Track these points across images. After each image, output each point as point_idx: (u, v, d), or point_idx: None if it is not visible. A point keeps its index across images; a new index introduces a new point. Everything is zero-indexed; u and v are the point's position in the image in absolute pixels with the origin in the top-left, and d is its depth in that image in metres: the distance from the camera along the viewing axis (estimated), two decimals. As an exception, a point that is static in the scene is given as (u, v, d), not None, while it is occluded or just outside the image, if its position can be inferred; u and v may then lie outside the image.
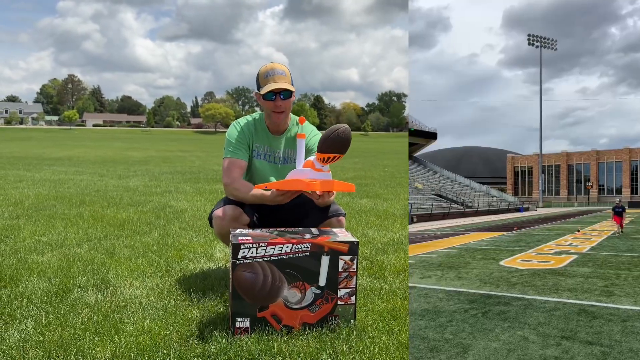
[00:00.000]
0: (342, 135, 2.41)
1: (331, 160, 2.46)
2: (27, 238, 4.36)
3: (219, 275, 3.34)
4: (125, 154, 25.44)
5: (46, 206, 6.27)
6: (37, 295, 2.82)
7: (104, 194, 7.87)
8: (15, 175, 11.09)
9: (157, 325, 2.45)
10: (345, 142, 2.41)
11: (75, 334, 2.33)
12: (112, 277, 3.23)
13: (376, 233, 4.94)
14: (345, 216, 3.07)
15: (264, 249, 2.37)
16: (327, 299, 2.46)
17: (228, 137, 3.06)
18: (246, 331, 2.37)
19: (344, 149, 2.44)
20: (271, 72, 2.92)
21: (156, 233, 4.70)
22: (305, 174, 2.50)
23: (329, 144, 2.41)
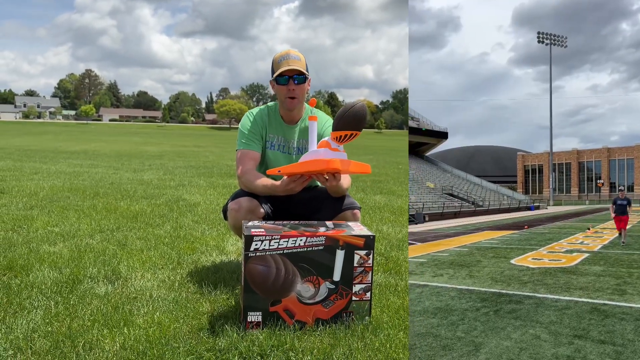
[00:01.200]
0: (358, 111, 2.31)
1: (347, 139, 2.36)
2: (40, 228, 4.35)
3: (231, 268, 3.28)
4: (141, 148, 25.59)
5: (60, 197, 6.28)
6: (47, 285, 2.79)
7: (118, 186, 7.87)
8: (31, 168, 11.18)
9: (167, 318, 2.39)
10: (362, 119, 2.32)
11: (84, 325, 2.28)
12: (123, 268, 3.18)
13: (391, 229, 4.85)
14: (360, 210, 2.98)
15: (277, 242, 2.30)
16: (342, 295, 2.38)
17: (241, 127, 3.00)
18: (258, 325, 2.30)
19: (360, 126, 2.34)
20: (285, 57, 2.85)
21: (169, 225, 4.67)
22: (321, 155, 2.40)
23: (345, 121, 2.31)
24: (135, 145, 28.82)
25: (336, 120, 2.34)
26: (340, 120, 2.32)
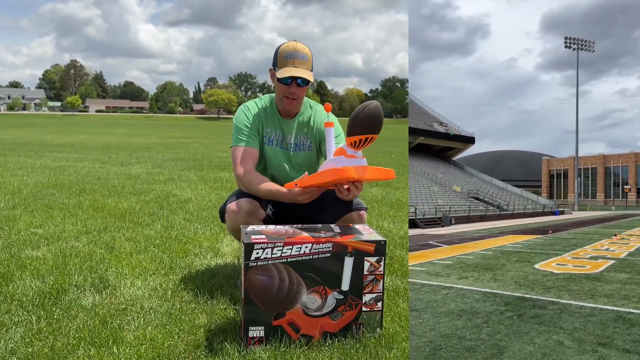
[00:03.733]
0: (372, 113, 2.07)
1: (363, 144, 2.12)
2: (23, 230, 4.11)
3: (227, 272, 3.07)
4: (128, 140, 25.17)
5: (45, 195, 6.02)
6: (28, 297, 2.56)
7: (105, 182, 7.61)
8: (15, 162, 10.85)
9: (161, 333, 2.19)
10: (377, 121, 2.08)
11: (69, 344, 2.07)
12: (111, 275, 2.97)
13: (392, 225, 4.67)
14: (367, 210, 2.79)
15: (280, 250, 2.10)
16: (351, 305, 2.19)
17: (236, 122, 2.77)
18: (260, 341, 2.11)
19: (376, 128, 2.09)
20: (292, 54, 2.62)
21: (159, 225, 4.44)
22: (337, 163, 2.18)
23: (358, 125, 2.08)
24: (123, 137, 28.36)
25: (349, 124, 2.10)
26: (353, 124, 2.08)
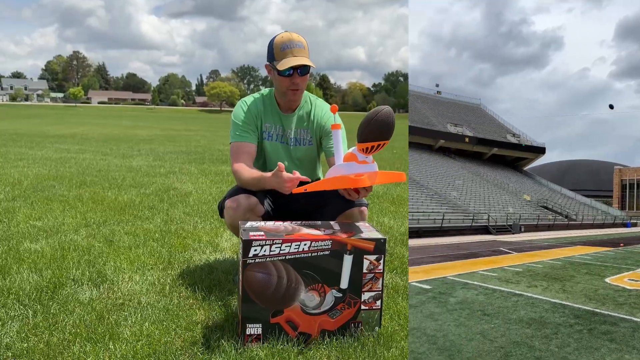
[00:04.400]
0: (384, 119, 2.03)
1: (375, 150, 2.08)
2: (22, 222, 4.09)
3: (225, 268, 3.06)
4: (130, 132, 25.15)
5: (45, 187, 6.00)
6: (25, 291, 2.55)
7: (105, 174, 7.59)
8: (16, 153, 10.83)
9: (158, 330, 2.17)
10: (389, 127, 2.04)
11: (65, 339, 2.05)
12: (109, 269, 2.95)
13: (392, 221, 4.65)
14: (367, 206, 2.76)
15: (279, 247, 2.07)
16: (350, 304, 2.17)
17: (234, 118, 2.74)
18: (258, 339, 2.09)
19: (389, 134, 2.05)
20: (289, 44, 2.58)
21: (159, 218, 4.42)
22: (349, 169, 2.15)
23: (370, 131, 2.04)
24: (125, 129, 28.33)
25: (360, 130, 2.06)
26: (365, 130, 2.03)
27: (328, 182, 2.20)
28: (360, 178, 2.09)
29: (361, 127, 2.06)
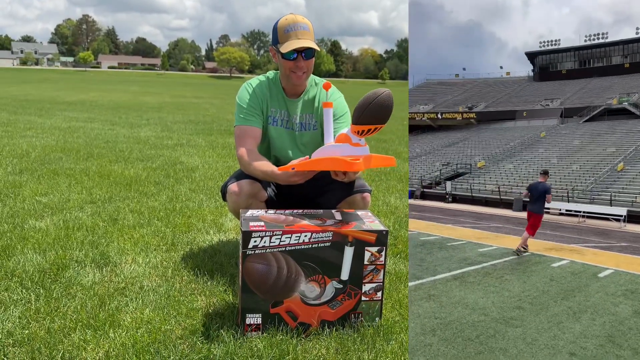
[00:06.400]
0: (384, 103, 1.99)
1: (370, 133, 2.06)
2: (28, 198, 4.10)
3: (228, 251, 3.05)
4: (139, 99, 25.05)
5: (52, 159, 6.01)
6: (28, 273, 2.56)
7: (113, 145, 7.59)
8: (26, 122, 10.84)
9: (158, 317, 2.18)
10: (388, 111, 2.01)
11: (66, 326, 2.07)
12: (112, 250, 2.95)
13: (398, 201, 4.61)
14: (371, 193, 2.72)
15: (279, 238, 2.05)
16: (350, 295, 2.16)
17: (239, 101, 2.69)
18: (257, 329, 2.09)
19: (386, 118, 2.03)
20: (293, 27, 2.50)
21: (164, 195, 4.42)
22: (342, 150, 2.11)
23: (369, 114, 1.99)
24: (134, 96, 28.23)
25: (358, 112, 2.02)
26: (363, 112, 1.99)
27: (321, 162, 2.16)
28: (357, 162, 2.06)
29: (358, 109, 2.02)
